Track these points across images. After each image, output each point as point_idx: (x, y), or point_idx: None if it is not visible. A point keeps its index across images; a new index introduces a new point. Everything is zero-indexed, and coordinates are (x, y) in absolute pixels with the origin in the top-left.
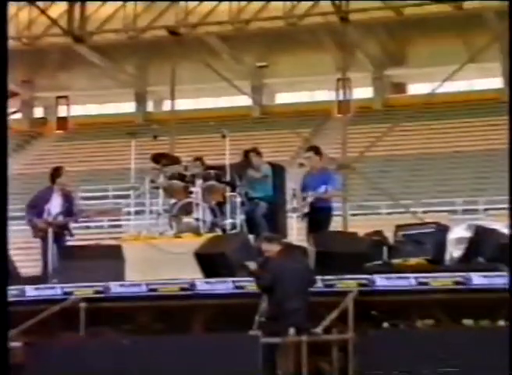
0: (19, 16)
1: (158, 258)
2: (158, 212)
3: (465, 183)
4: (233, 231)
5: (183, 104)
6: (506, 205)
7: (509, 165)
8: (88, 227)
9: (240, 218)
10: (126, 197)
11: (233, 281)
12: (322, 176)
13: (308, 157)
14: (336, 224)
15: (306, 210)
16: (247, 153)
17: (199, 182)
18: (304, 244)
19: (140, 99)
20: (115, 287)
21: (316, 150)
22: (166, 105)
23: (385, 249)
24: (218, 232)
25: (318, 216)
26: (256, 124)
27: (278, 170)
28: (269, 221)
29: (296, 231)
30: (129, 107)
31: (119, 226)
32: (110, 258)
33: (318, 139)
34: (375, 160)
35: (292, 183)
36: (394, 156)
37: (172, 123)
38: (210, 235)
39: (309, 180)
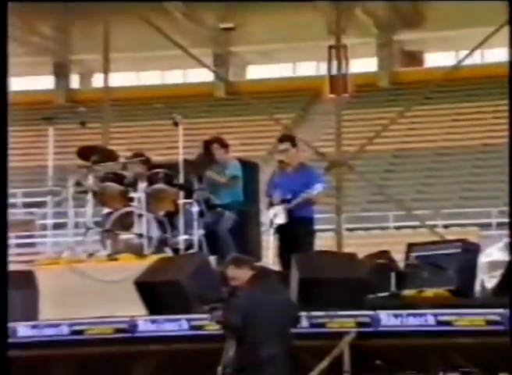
0: None
1: (85, 288)
2: (85, 225)
3: (500, 188)
4: (189, 251)
5: (120, 79)
6: None
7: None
8: None
9: (197, 233)
10: (41, 205)
11: (188, 320)
12: (301, 175)
13: (285, 150)
14: (325, 242)
15: (281, 221)
16: (208, 145)
17: (142, 185)
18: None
19: (61, 72)
20: (25, 329)
21: (293, 140)
22: (97, 81)
23: (393, 276)
24: (169, 253)
25: (296, 230)
26: (220, 107)
27: (250, 169)
28: (238, 237)
29: (273, 251)
30: (45, 82)
31: (32, 244)
32: (18, 288)
33: (303, 128)
34: (380, 156)
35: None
36: (405, 151)
37: (105, 105)
38: (157, 257)
39: (283, 180)
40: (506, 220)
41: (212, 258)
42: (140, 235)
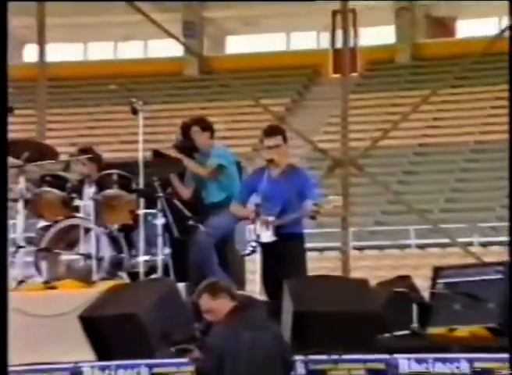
0: None
1: (14, 325)
2: (14, 243)
3: None
4: (151, 277)
5: (60, 51)
6: None
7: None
8: None
9: (162, 253)
10: None
11: (149, 366)
12: (292, 180)
13: (275, 146)
14: (328, 264)
15: (267, 239)
16: (185, 129)
17: (90, 191)
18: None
19: None
20: None
21: (285, 134)
22: (29, 53)
23: (414, 309)
24: (124, 278)
25: (287, 250)
26: (191, 90)
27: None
28: (216, 257)
29: (260, 276)
30: None
31: None
32: None
33: (298, 116)
34: (397, 154)
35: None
36: (429, 147)
37: (40, 85)
38: (109, 284)
39: (269, 187)
40: None
41: (181, 286)
42: (88, 256)
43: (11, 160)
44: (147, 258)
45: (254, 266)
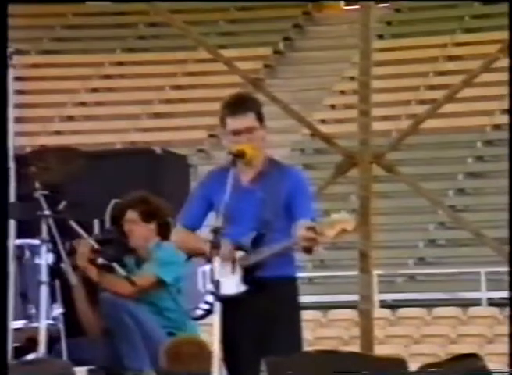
0: None
1: None
2: None
3: None
4: (28, 357)
5: None
6: None
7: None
8: None
9: (49, 315)
10: None
11: None
12: (275, 184)
13: (248, 130)
14: (338, 332)
15: (232, 291)
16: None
17: None
18: None
19: None
20: None
21: (260, 110)
22: None
23: None
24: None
25: (268, 306)
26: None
27: (169, 168)
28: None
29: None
30: None
31: None
32: None
33: (285, 78)
34: (450, 140)
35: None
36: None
37: None
38: None
39: (238, 199)
40: None
41: (81, 371)
42: None
43: None
44: (20, 325)
45: (208, 336)
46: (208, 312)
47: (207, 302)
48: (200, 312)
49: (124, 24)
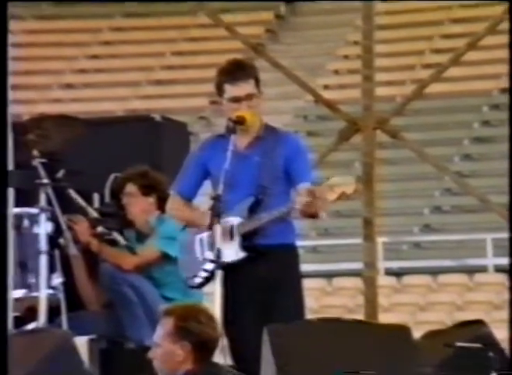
0: None
1: None
2: None
3: None
4: (28, 326)
5: None
6: None
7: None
8: None
9: (49, 284)
10: None
11: None
12: (274, 150)
13: (248, 96)
14: (341, 300)
15: (231, 258)
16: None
17: None
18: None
19: None
20: None
21: (258, 76)
22: None
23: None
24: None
25: (267, 273)
26: None
27: (170, 136)
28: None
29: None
30: None
31: None
32: None
33: (286, 42)
34: (463, 105)
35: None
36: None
37: None
38: None
39: (236, 164)
40: None
41: (82, 342)
42: None
43: None
44: (20, 294)
45: (211, 304)
46: (207, 280)
47: (205, 270)
48: (199, 280)
49: None
